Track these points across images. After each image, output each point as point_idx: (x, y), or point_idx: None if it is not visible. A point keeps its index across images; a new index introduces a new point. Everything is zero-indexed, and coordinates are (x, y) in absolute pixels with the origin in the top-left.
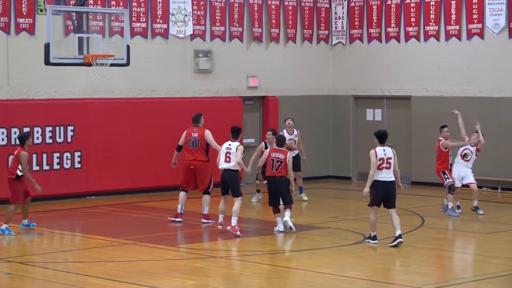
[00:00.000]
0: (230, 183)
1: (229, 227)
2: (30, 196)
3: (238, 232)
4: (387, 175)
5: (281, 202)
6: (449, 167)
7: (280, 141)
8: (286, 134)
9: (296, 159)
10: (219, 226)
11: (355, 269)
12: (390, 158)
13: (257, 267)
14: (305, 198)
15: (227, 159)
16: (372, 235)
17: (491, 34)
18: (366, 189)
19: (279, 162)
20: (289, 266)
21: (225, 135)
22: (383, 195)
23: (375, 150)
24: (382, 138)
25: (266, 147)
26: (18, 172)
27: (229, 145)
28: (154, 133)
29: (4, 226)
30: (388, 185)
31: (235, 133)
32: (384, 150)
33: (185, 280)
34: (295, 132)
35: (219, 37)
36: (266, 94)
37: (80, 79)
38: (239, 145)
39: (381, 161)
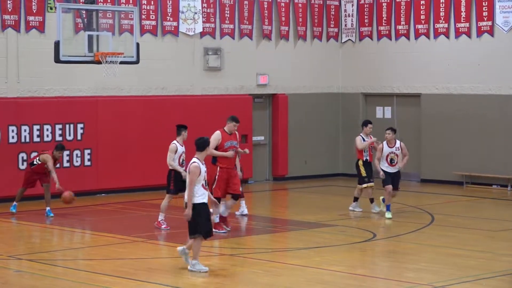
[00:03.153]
0: None
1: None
2: (44, 183)
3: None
4: None
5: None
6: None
7: None
8: (386, 147)
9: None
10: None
11: (364, 267)
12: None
13: (267, 264)
14: (389, 215)
15: None
16: None
17: (501, 31)
18: None
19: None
20: (298, 264)
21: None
22: None
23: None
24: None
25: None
26: (34, 161)
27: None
28: (163, 131)
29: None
30: None
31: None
32: None
33: (195, 278)
34: (398, 143)
35: (228, 35)
36: (276, 92)
37: (89, 77)
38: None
39: None
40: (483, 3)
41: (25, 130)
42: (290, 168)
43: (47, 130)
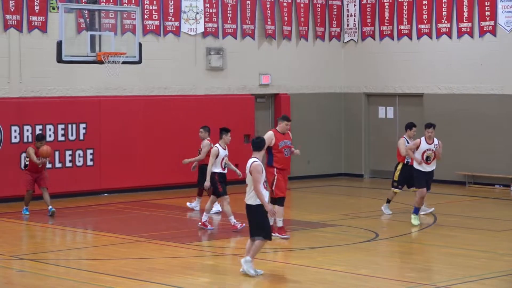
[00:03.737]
0: None
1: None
2: (41, 186)
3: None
4: None
5: None
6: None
7: None
8: (424, 144)
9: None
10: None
11: (367, 267)
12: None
13: (269, 264)
14: (416, 222)
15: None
16: None
17: (504, 31)
18: None
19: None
20: (301, 264)
21: (237, 132)
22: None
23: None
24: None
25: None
26: (26, 162)
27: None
28: (166, 131)
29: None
30: None
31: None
32: None
33: (198, 278)
34: (436, 140)
35: (231, 35)
36: (278, 91)
37: (92, 77)
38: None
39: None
40: (486, 3)
41: (27, 130)
42: (293, 168)
43: (50, 130)
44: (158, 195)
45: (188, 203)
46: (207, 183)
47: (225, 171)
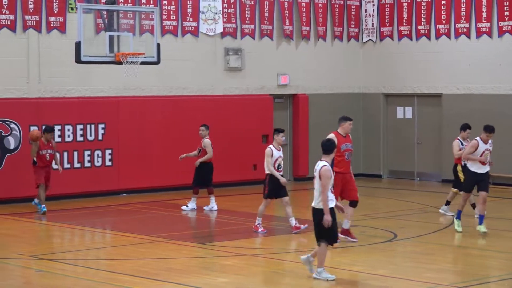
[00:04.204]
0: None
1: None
2: (45, 182)
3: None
4: None
5: None
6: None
7: None
8: (482, 144)
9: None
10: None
11: (385, 267)
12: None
13: (287, 264)
14: (483, 230)
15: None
16: None
17: None
18: None
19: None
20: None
21: (255, 133)
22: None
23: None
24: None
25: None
26: (34, 158)
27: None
28: (184, 131)
29: (41, 205)
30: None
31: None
32: None
33: (216, 278)
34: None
35: (249, 35)
36: (296, 92)
37: (110, 77)
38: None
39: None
40: (504, 3)
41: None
42: (311, 168)
43: (68, 130)
44: (176, 195)
45: (183, 207)
46: (283, 179)
47: (280, 173)
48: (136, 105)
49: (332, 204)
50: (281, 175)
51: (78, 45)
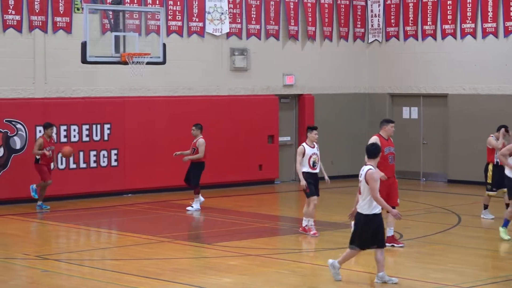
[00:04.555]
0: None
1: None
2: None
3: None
4: None
5: None
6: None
7: None
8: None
9: None
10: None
11: (391, 268)
12: None
13: (292, 265)
14: (506, 236)
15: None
16: None
17: None
18: None
19: None
20: (325, 264)
21: (261, 133)
22: None
23: None
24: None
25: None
26: (37, 157)
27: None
28: (190, 131)
29: (39, 202)
30: None
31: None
32: None
33: (221, 278)
34: None
35: (255, 35)
36: (302, 92)
37: (116, 77)
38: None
39: None
40: (510, 3)
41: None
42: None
43: (74, 130)
44: (182, 195)
45: (188, 208)
46: (303, 182)
47: (316, 170)
48: (142, 105)
49: (378, 209)
50: (316, 172)
51: (84, 45)
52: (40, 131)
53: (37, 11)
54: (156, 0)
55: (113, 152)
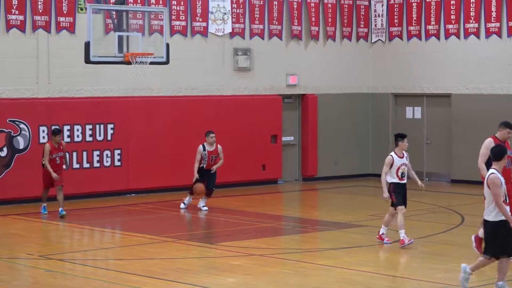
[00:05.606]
0: None
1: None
2: (56, 185)
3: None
4: None
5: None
6: None
7: None
8: None
9: None
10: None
11: (395, 268)
12: None
13: (296, 264)
14: None
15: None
16: None
17: None
18: None
19: None
20: (328, 264)
21: (264, 133)
22: None
23: None
24: None
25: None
26: (42, 161)
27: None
28: (193, 131)
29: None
30: None
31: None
32: None
33: (225, 278)
34: None
35: (258, 35)
36: (306, 92)
37: (120, 77)
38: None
39: None
40: None
41: None
42: (320, 169)
43: (78, 130)
44: (185, 195)
45: (181, 204)
46: (385, 194)
47: (403, 181)
48: (145, 105)
49: (503, 216)
50: (404, 183)
51: (87, 45)
52: (43, 131)
53: (40, 11)
54: (160, 0)
55: (117, 152)
